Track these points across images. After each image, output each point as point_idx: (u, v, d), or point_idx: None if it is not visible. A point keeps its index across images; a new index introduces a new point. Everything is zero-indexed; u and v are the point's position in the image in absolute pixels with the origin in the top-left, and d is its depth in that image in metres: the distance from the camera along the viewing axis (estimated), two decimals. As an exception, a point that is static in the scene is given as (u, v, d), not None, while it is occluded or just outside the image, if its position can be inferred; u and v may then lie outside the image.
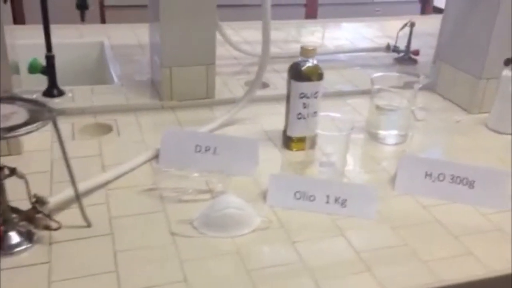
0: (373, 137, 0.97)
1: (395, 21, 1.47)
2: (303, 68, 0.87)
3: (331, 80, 1.24)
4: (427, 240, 0.70)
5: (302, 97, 0.87)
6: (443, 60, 1.17)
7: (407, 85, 0.97)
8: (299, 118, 0.88)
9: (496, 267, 0.65)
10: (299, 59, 0.87)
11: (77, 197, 0.66)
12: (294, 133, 0.90)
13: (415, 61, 1.40)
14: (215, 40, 1.05)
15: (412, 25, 1.38)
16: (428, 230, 0.72)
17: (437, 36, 1.19)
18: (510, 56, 1.00)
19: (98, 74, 1.34)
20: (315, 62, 0.87)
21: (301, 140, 0.88)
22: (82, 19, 0.93)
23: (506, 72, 0.99)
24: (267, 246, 0.67)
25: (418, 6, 3.23)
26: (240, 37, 1.54)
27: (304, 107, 0.88)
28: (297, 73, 0.87)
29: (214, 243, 0.67)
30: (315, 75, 0.87)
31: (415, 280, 0.63)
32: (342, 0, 3.02)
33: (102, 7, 2.53)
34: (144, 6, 1.09)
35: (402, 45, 1.40)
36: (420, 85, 0.94)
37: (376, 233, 0.71)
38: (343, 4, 3.02)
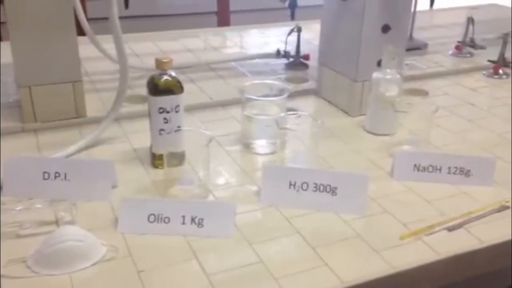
0: (247, 147, 0.94)
1: (304, 25, 1.44)
2: (160, 81, 0.82)
3: (219, 89, 1.21)
4: (283, 255, 0.68)
5: (161, 112, 0.82)
6: (324, 64, 1.17)
7: (281, 92, 0.95)
8: (162, 134, 0.84)
9: (347, 278, 0.63)
10: (156, 72, 0.82)
11: None
12: (159, 150, 0.85)
13: (306, 66, 1.39)
14: (78, 56, 0.98)
15: (299, 29, 1.37)
16: (286, 244, 0.70)
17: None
18: (381, 58, 1.00)
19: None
20: (173, 74, 0.83)
21: (168, 157, 0.84)
22: None
23: (376, 74, 0.99)
24: (108, 280, 0.62)
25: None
26: (129, 49, 1.48)
27: (166, 122, 0.83)
28: (154, 87, 0.82)
29: (47, 283, 0.60)
30: (175, 88, 0.83)
31: (264, 301, 0.60)
32: (254, 6, 3.01)
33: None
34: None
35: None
36: (288, 92, 0.92)
37: (232, 252, 0.68)
38: (256, 10, 3.01)
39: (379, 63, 1.02)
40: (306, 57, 1.39)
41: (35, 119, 0.98)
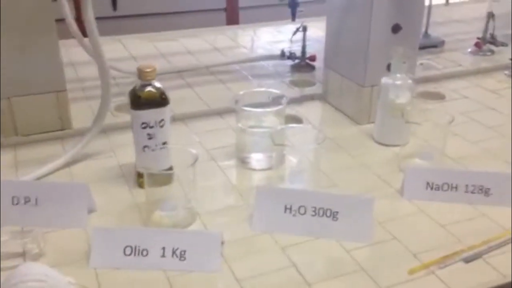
0: (242, 162, 0.86)
1: (313, 22, 1.35)
2: (143, 93, 0.74)
3: (218, 96, 1.12)
4: (275, 294, 0.60)
5: (145, 127, 0.75)
6: (329, 67, 1.08)
7: (279, 101, 0.86)
8: (146, 151, 0.76)
9: (347, 325, 0.55)
10: (138, 83, 0.75)
11: None
12: (143, 168, 0.77)
13: (312, 67, 1.30)
14: (61, 64, 0.91)
15: (305, 29, 1.28)
16: (279, 280, 0.61)
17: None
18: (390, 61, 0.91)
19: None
20: (157, 85, 0.75)
21: (151, 176, 0.76)
22: None
23: (385, 79, 0.90)
24: (73, 326, 0.55)
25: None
26: (126, 51, 1.41)
27: (150, 138, 0.75)
28: (135, 100, 0.74)
29: (4, 330, 0.54)
30: (159, 100, 0.75)
31: None
32: (262, 2, 2.91)
33: None
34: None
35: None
36: (286, 102, 0.83)
37: (217, 290, 0.60)
38: (264, 6, 2.91)
39: (388, 67, 0.93)
40: (313, 58, 1.30)
41: (16, 133, 0.91)
